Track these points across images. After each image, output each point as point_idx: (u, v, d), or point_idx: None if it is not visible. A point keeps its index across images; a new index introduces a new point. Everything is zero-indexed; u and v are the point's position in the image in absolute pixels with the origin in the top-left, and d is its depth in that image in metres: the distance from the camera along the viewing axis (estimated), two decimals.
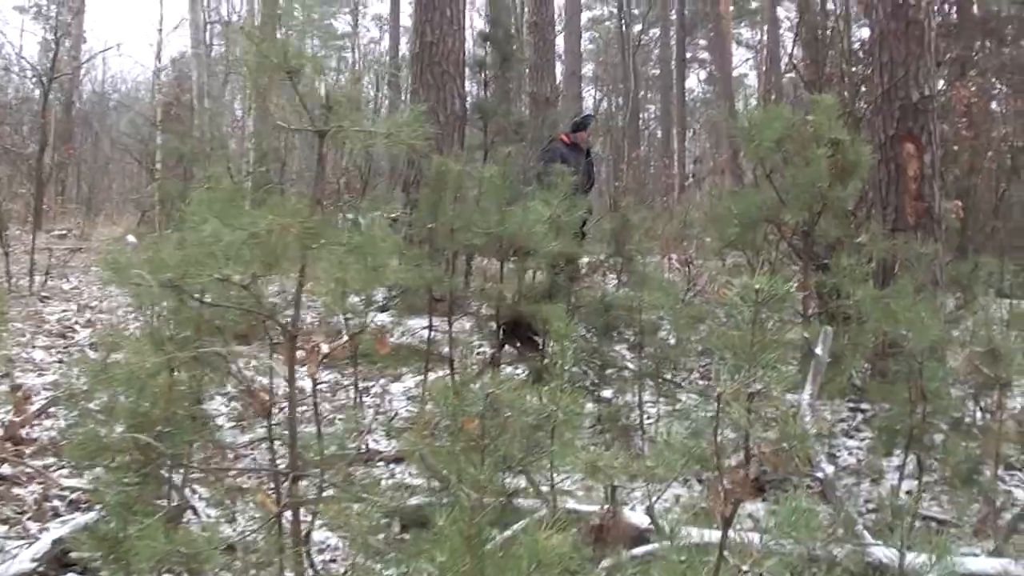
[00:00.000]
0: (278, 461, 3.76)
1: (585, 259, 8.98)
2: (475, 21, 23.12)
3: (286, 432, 3.47)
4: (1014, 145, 12.46)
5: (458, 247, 6.80)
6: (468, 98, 11.26)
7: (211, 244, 3.11)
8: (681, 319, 6.06)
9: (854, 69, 10.85)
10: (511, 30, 10.88)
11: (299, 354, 3.55)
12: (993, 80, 14.28)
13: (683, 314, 6.10)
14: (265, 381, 4.31)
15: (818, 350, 4.88)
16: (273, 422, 3.76)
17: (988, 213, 12.16)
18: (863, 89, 9.74)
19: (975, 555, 4.21)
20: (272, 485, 3.71)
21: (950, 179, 11.56)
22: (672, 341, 6.69)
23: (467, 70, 11.52)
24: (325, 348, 3.60)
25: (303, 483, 3.46)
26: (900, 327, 4.82)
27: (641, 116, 36.52)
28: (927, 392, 4.61)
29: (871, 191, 7.27)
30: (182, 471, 3.92)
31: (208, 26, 24.52)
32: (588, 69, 47.21)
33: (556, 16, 21.37)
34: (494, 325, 6.70)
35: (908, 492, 5.30)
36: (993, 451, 4.48)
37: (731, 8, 30.02)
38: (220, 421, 6.18)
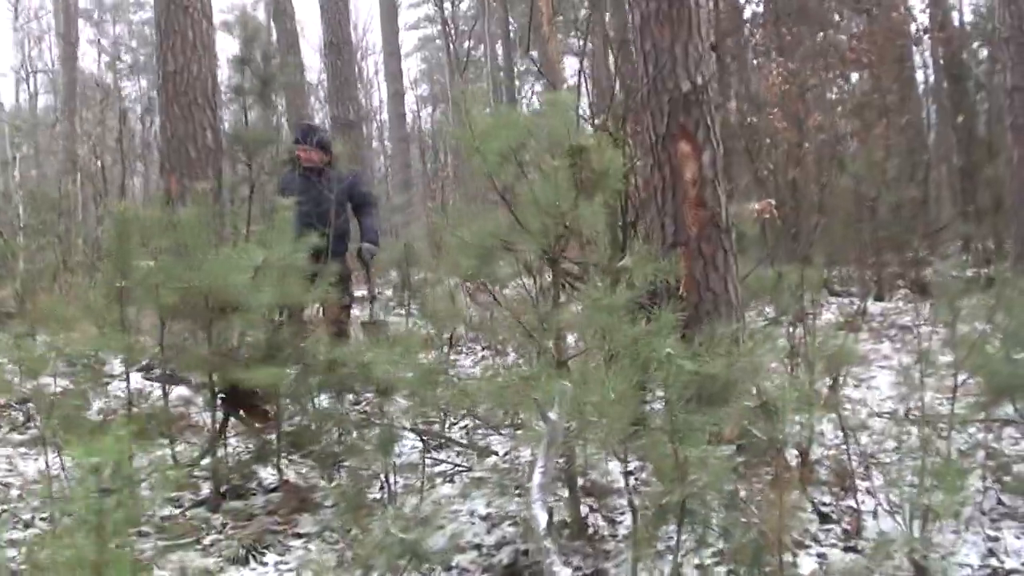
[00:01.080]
0: None
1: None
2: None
3: None
4: (836, 134, 11.68)
5: (159, 306, 5.59)
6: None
7: None
8: (417, 375, 4.91)
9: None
10: (269, 52, 9.52)
11: None
12: (810, 69, 13.57)
13: (420, 370, 4.96)
14: None
15: (552, 413, 3.76)
16: None
17: (812, 209, 11.34)
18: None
19: None
20: None
21: (764, 174, 10.74)
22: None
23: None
24: None
25: None
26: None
27: None
28: (688, 458, 3.59)
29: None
30: None
31: None
32: (424, 89, 46.53)
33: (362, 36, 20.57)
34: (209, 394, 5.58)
35: (698, 566, 4.33)
36: (778, 530, 3.44)
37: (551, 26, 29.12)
38: None
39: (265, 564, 4.80)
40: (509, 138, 4.58)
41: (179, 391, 6.79)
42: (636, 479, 5.63)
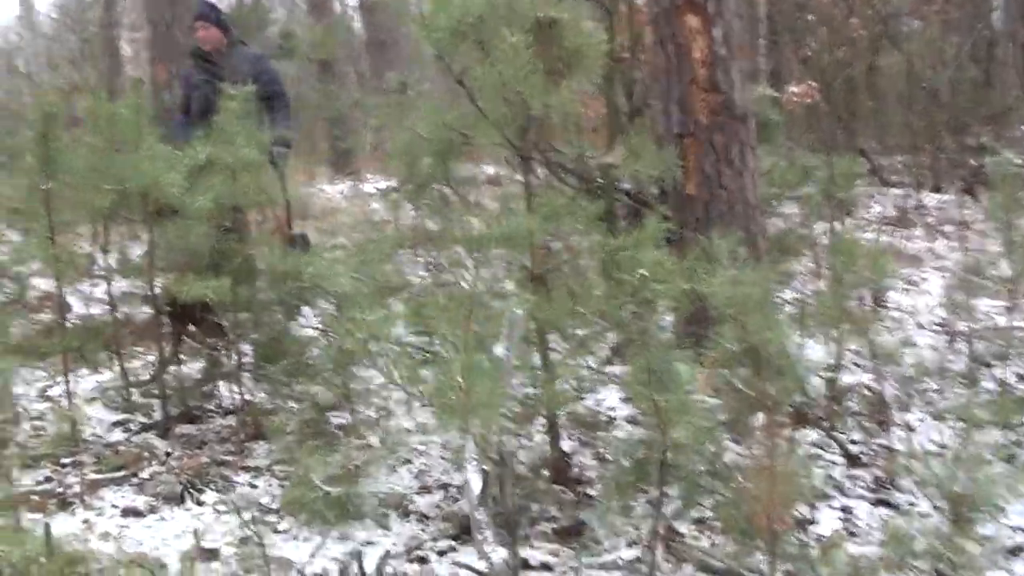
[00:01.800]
0: None
1: None
2: None
3: None
4: (880, 11, 10.57)
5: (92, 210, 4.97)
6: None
7: None
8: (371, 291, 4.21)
9: None
10: None
11: None
12: None
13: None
14: None
15: (499, 348, 3.05)
16: None
17: (859, 93, 10.39)
18: None
19: None
20: None
21: (807, 54, 9.80)
22: None
23: None
24: None
25: None
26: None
27: None
28: (671, 411, 2.88)
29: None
30: None
31: None
32: None
33: None
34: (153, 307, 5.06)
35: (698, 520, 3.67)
36: (768, 506, 2.73)
37: None
38: None
39: (202, 504, 4.23)
40: (463, 10, 3.79)
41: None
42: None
